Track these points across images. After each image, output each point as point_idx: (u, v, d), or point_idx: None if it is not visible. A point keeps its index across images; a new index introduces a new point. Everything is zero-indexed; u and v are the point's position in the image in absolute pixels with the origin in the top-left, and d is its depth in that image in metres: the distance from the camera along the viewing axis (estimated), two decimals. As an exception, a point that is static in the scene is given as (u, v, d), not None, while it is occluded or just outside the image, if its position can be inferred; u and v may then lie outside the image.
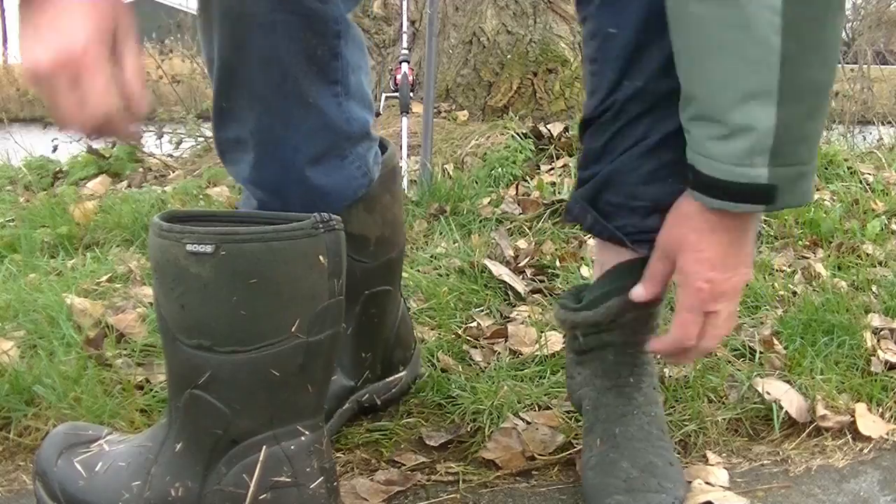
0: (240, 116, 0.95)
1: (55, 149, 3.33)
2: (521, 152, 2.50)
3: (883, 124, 4.28)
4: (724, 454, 1.11)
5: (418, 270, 1.64)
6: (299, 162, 0.96)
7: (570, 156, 2.48)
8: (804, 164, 0.81)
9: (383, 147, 1.10)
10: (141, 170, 2.89)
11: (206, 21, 0.92)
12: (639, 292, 0.96)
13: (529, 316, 1.46)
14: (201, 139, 3.56)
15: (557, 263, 1.72)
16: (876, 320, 1.46)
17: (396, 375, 1.17)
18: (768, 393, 1.20)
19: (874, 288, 1.63)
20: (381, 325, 1.13)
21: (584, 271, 1.65)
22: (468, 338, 1.39)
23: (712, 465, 1.07)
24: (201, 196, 2.27)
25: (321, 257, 0.82)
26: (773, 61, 0.77)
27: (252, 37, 0.90)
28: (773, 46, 0.76)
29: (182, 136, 3.62)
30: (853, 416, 1.17)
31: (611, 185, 0.97)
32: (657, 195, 0.93)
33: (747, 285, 1.62)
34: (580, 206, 1.02)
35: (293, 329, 0.81)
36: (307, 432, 0.85)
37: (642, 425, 1.00)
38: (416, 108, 2.62)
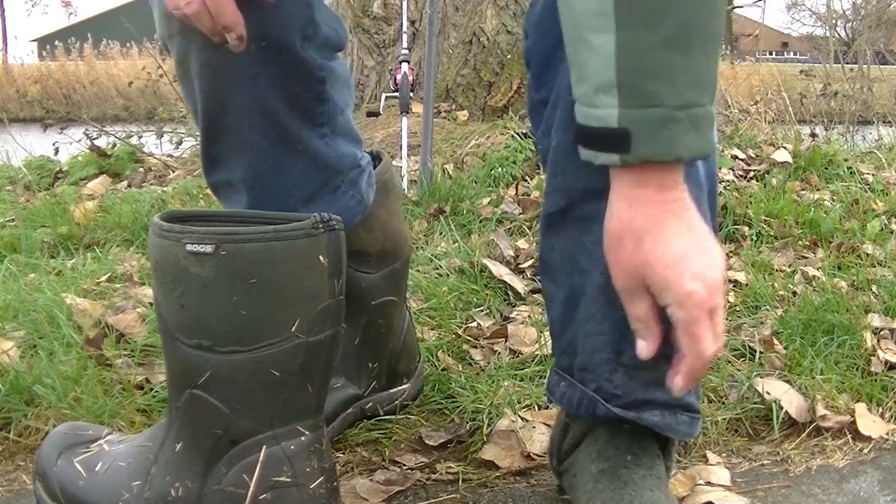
0: (228, 163, 0.95)
1: (56, 151, 3.34)
2: (521, 152, 2.49)
3: (883, 124, 4.28)
4: (724, 454, 1.11)
5: (418, 270, 1.64)
6: (292, 204, 0.96)
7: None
8: (666, 105, 0.66)
9: (378, 157, 1.09)
10: (141, 170, 2.89)
11: (185, 72, 0.91)
12: (644, 349, 0.77)
13: (529, 316, 1.46)
14: (202, 139, 3.54)
15: (557, 263, 1.72)
16: (876, 320, 1.46)
17: (400, 387, 1.17)
18: (768, 393, 1.20)
19: (874, 288, 1.63)
20: (387, 335, 1.13)
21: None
22: (468, 338, 1.39)
23: (712, 464, 1.07)
24: (201, 196, 2.27)
25: (321, 257, 0.82)
26: None
27: (234, 89, 0.89)
28: None
29: (182, 135, 3.62)
30: (853, 416, 1.17)
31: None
32: None
33: (747, 284, 1.62)
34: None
35: (293, 329, 0.81)
36: (307, 432, 0.85)
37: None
38: (416, 108, 2.62)
